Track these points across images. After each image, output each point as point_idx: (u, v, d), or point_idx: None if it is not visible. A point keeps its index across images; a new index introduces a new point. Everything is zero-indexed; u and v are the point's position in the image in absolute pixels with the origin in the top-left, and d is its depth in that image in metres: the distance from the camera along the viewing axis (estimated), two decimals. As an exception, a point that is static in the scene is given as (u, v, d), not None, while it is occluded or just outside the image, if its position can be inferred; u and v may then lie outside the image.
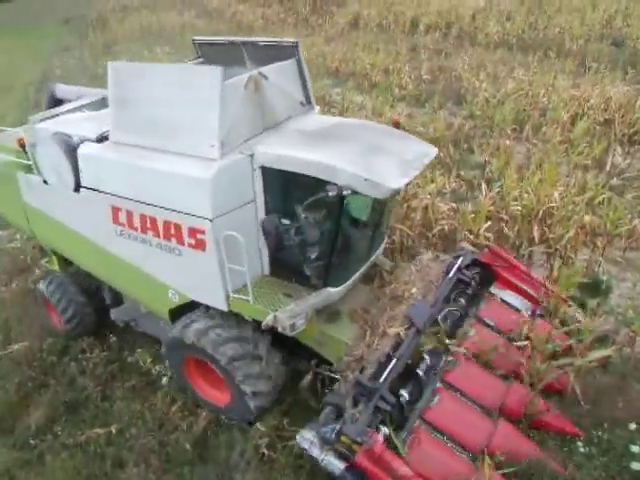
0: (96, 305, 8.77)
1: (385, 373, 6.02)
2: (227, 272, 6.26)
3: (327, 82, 19.75)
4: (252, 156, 6.19)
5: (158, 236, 6.57)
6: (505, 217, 9.73)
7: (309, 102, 7.34)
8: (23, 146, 7.63)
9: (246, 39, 7.56)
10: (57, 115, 8.18)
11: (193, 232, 6.24)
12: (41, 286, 9.03)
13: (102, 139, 6.93)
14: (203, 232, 6.15)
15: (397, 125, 7.32)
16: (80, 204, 7.28)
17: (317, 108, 7.45)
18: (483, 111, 15.44)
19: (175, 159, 6.17)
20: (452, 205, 10.27)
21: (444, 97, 17.15)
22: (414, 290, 6.97)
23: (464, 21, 25.23)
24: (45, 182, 7.61)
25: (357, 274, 6.96)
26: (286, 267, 6.74)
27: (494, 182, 11.20)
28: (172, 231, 6.41)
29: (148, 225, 6.59)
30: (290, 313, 6.17)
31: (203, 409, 7.46)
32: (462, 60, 20.08)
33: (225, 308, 6.60)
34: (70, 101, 8.98)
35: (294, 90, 7.13)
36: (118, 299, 8.58)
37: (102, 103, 8.36)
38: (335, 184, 5.64)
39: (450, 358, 6.58)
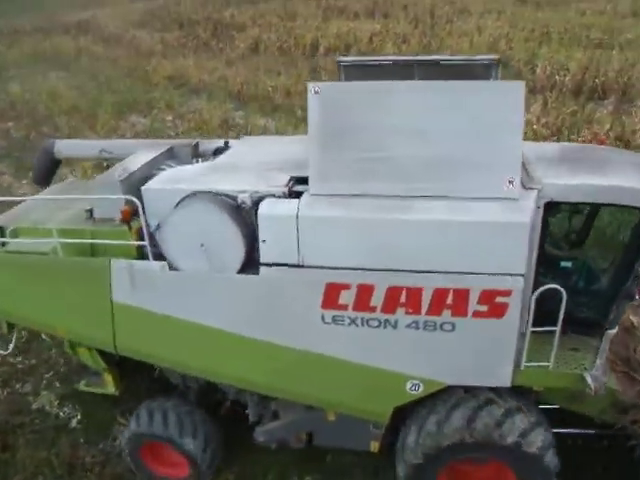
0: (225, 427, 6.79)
1: None
2: (527, 338, 5.12)
3: (230, 105, 19.81)
4: (540, 191, 5.01)
5: (417, 312, 5.10)
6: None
7: None
8: (128, 221, 5.59)
9: (423, 58, 6.23)
10: (135, 173, 5.89)
11: (489, 296, 4.93)
12: (138, 427, 6.27)
13: (293, 193, 5.32)
14: (508, 293, 4.88)
15: (603, 143, 6.49)
16: (247, 291, 5.46)
17: None
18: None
19: (453, 205, 4.88)
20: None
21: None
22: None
23: (362, 43, 26.14)
24: (172, 268, 5.58)
25: None
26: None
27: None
28: (448, 300, 5.02)
29: (402, 300, 5.09)
30: (602, 369, 5.07)
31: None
32: (362, 81, 20.77)
33: (508, 384, 5.30)
34: (87, 158, 7.61)
35: None
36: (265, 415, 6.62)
37: (170, 154, 6.64)
38: None
39: None
